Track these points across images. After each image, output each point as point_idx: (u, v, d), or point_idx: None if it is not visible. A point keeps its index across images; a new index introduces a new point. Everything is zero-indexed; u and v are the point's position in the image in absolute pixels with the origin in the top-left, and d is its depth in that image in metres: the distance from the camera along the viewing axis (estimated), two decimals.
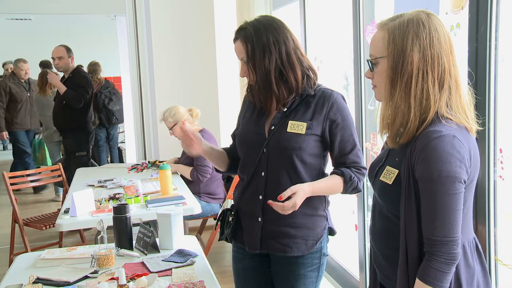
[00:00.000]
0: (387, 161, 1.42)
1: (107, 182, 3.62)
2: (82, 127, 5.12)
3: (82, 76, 5.07)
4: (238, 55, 1.85)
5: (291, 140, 1.78)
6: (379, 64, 1.35)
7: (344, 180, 1.80)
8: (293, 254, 1.85)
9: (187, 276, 1.93)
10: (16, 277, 1.97)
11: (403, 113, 1.31)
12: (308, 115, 1.80)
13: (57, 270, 2.01)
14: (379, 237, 1.45)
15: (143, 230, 2.23)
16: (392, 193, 1.35)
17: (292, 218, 1.80)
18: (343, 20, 3.07)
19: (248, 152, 1.88)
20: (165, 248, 2.21)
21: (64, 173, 4.38)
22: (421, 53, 1.28)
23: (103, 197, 3.11)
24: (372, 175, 1.48)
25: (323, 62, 3.53)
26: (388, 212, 1.40)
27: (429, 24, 1.29)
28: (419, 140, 1.29)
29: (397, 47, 1.30)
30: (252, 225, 1.88)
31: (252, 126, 1.89)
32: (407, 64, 1.29)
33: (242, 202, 1.91)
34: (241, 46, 1.81)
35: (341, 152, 1.82)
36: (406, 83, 1.30)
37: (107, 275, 1.93)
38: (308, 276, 1.89)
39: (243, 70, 1.84)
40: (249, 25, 1.81)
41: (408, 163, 1.30)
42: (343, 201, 3.32)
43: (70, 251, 2.20)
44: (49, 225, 3.94)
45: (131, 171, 4.09)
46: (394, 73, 1.31)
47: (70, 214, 2.81)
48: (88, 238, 4.45)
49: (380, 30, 1.34)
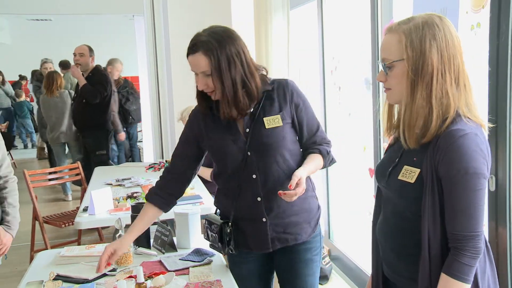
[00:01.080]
0: (402, 161, 1.44)
1: (125, 181, 3.65)
2: (101, 126, 5.18)
3: (101, 74, 5.15)
4: (197, 69, 1.78)
5: (273, 135, 1.84)
6: (395, 68, 1.37)
7: (323, 156, 1.93)
8: (303, 239, 1.92)
9: (204, 275, 1.94)
10: (37, 273, 2.01)
11: (425, 113, 1.34)
12: (275, 107, 1.87)
13: (76, 267, 2.04)
14: (391, 234, 1.48)
15: (161, 229, 2.24)
16: (414, 192, 1.37)
17: (292, 206, 1.87)
18: (361, 20, 3.06)
19: (231, 161, 1.87)
20: (182, 247, 2.23)
21: (83, 171, 4.43)
22: (439, 54, 1.32)
23: (121, 196, 3.14)
24: (383, 175, 1.49)
25: (340, 62, 3.52)
26: (406, 211, 1.41)
27: (443, 26, 1.34)
28: (442, 139, 1.31)
29: (416, 49, 1.33)
30: (257, 228, 1.88)
31: (226, 135, 1.87)
32: (427, 65, 1.32)
33: (238, 209, 1.90)
34: (202, 58, 1.75)
35: (310, 132, 1.93)
36: (427, 84, 1.33)
37: (125, 273, 1.95)
38: (314, 260, 1.98)
39: (203, 83, 1.79)
40: (208, 36, 1.76)
41: (431, 162, 1.33)
42: (361, 203, 3.31)
43: (89, 249, 2.23)
44: (68, 223, 4.00)
45: (148, 170, 4.12)
46: (415, 74, 1.33)
47: (89, 212, 2.84)
48: (106, 236, 4.49)
49: (393, 34, 1.37)
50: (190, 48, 1.78)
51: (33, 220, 4.02)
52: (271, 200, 1.85)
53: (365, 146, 3.20)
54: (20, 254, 4.22)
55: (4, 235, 2.27)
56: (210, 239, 1.97)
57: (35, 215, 3.93)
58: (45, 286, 1.86)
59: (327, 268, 3.40)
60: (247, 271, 2.00)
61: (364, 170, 3.16)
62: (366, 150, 3.17)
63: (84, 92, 4.99)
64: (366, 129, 3.06)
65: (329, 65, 3.65)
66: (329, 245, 3.70)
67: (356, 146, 3.36)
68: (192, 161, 1.98)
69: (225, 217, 1.94)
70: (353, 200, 3.49)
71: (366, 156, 3.14)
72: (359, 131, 3.31)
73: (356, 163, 3.39)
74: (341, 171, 3.68)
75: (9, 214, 2.33)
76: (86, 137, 5.31)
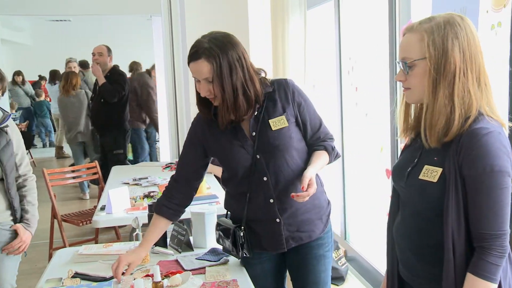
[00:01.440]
0: (421, 161, 1.43)
1: (142, 180, 3.68)
2: (119, 125, 5.24)
3: (118, 74, 5.21)
4: (199, 75, 1.78)
5: (280, 136, 1.85)
6: (416, 67, 1.37)
7: (328, 152, 1.94)
8: (316, 236, 1.94)
9: (220, 275, 1.94)
10: (56, 271, 2.03)
11: (447, 112, 1.33)
12: (279, 108, 1.88)
13: (94, 266, 2.06)
14: (410, 235, 1.47)
15: (177, 228, 2.26)
16: (437, 191, 1.36)
17: (304, 205, 1.88)
18: (378, 20, 3.04)
19: (240, 166, 1.87)
20: (198, 246, 2.24)
21: (100, 170, 4.48)
22: (461, 53, 1.32)
23: (138, 195, 3.16)
24: (401, 175, 1.48)
25: (357, 63, 3.50)
26: (427, 211, 1.40)
27: (465, 26, 1.34)
28: (466, 137, 1.31)
29: (438, 48, 1.33)
30: (271, 228, 1.89)
31: (233, 141, 1.87)
32: (449, 64, 1.32)
33: (251, 212, 1.90)
34: (205, 65, 1.75)
35: (313, 129, 1.94)
36: (449, 83, 1.33)
37: (142, 271, 1.96)
38: (327, 256, 2.00)
39: (206, 90, 1.79)
40: (209, 43, 1.76)
41: (454, 160, 1.32)
42: (377, 204, 3.29)
43: (106, 247, 2.25)
44: (85, 222, 4.05)
45: (165, 170, 4.15)
46: (437, 73, 1.33)
47: (106, 211, 2.87)
48: (122, 235, 4.54)
49: (414, 33, 1.37)
50: (192, 55, 1.78)
51: (52, 218, 4.08)
52: (283, 201, 1.87)
53: (382, 147, 3.18)
54: (39, 251, 4.28)
55: (24, 232, 2.31)
56: (224, 245, 1.97)
57: (54, 213, 3.99)
58: (64, 283, 1.89)
59: (343, 269, 3.38)
60: (261, 270, 2.00)
61: (381, 171, 3.14)
62: (383, 151, 3.15)
63: (103, 91, 5.05)
64: (383, 129, 3.04)
65: (346, 66, 3.63)
66: (345, 246, 3.68)
67: (373, 147, 3.34)
68: (197, 168, 1.98)
69: (237, 220, 1.94)
70: (370, 201, 3.47)
71: (383, 156, 3.12)
72: (376, 131, 3.29)
73: (372, 163, 3.37)
74: (358, 171, 3.65)
75: (28, 212, 2.36)
76: (104, 136, 5.37)
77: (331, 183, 3.55)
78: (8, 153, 2.24)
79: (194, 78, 1.83)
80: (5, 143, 2.23)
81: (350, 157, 3.73)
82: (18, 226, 2.30)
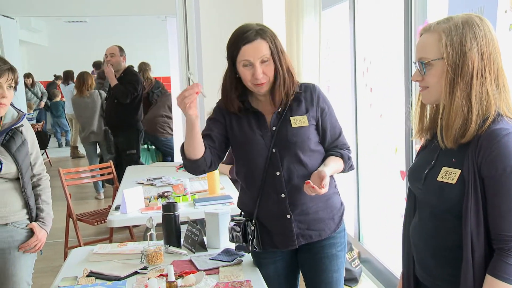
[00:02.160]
0: (439, 162, 1.42)
1: (156, 180, 3.69)
2: (132, 125, 5.27)
3: (132, 74, 5.24)
4: (256, 55, 1.81)
5: (299, 134, 1.88)
6: (433, 67, 1.36)
7: (344, 161, 1.96)
8: (327, 235, 1.95)
9: (234, 275, 1.95)
10: (71, 270, 2.06)
11: (464, 113, 1.32)
12: (302, 108, 1.92)
13: (108, 265, 2.08)
14: (427, 236, 1.46)
15: (191, 228, 2.26)
16: (455, 193, 1.35)
17: (316, 203, 1.90)
18: (393, 21, 3.01)
19: (256, 157, 1.90)
20: (212, 246, 2.24)
21: (115, 170, 4.51)
22: (479, 53, 1.31)
23: (152, 195, 3.18)
24: (418, 177, 1.47)
25: (372, 63, 3.48)
26: (445, 212, 1.39)
27: (483, 26, 1.33)
28: (485, 138, 1.30)
29: (456, 48, 1.32)
30: (282, 225, 1.91)
31: (255, 129, 1.92)
32: (468, 64, 1.31)
33: (261, 207, 1.92)
34: (263, 43, 1.82)
35: (332, 137, 1.97)
36: (467, 83, 1.32)
37: (156, 271, 1.97)
38: (339, 256, 2.00)
39: (261, 71, 1.81)
40: (258, 26, 1.86)
41: (473, 161, 1.31)
42: (391, 205, 3.26)
43: (121, 247, 2.27)
44: (100, 221, 4.08)
45: (179, 170, 4.16)
46: (455, 73, 1.32)
47: (121, 211, 2.89)
48: (136, 234, 4.56)
49: (432, 33, 1.36)
50: (247, 36, 1.81)
51: (67, 217, 4.11)
52: (295, 197, 1.89)
53: (396, 148, 3.15)
54: (55, 250, 4.32)
55: (39, 231, 2.33)
56: (235, 240, 1.97)
57: (69, 212, 4.02)
58: (79, 282, 1.91)
59: (357, 271, 3.36)
60: (274, 270, 2.01)
61: (395, 172, 3.12)
62: (397, 152, 3.12)
63: (116, 92, 5.09)
64: (397, 130, 3.02)
65: (360, 66, 3.62)
66: (359, 247, 3.67)
67: (387, 148, 3.32)
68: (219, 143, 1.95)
69: (249, 215, 1.96)
70: (384, 202, 3.45)
71: (398, 158, 3.10)
72: (390, 132, 3.27)
73: (387, 165, 3.34)
74: (372, 173, 3.63)
75: (43, 211, 2.39)
76: (117, 136, 5.41)
77: (345, 184, 3.53)
78: (24, 152, 2.27)
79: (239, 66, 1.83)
80: (20, 142, 2.26)
81: (364, 158, 3.71)
82: (34, 225, 2.32)
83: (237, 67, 1.86)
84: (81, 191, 6.69)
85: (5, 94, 2.16)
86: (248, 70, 1.84)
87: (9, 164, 2.21)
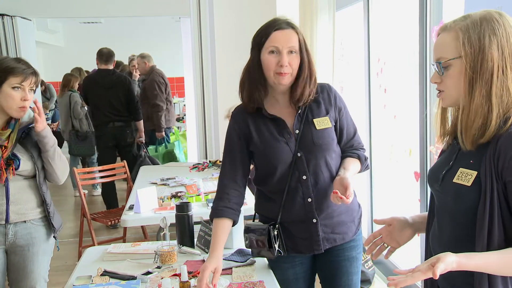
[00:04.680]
0: (457, 163, 1.37)
1: (169, 180, 3.71)
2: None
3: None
4: (286, 43, 1.79)
5: (324, 136, 1.87)
6: (451, 67, 1.31)
7: (361, 162, 1.95)
8: (349, 238, 1.94)
9: (247, 275, 1.95)
10: (85, 268, 2.07)
11: (484, 112, 1.27)
12: (322, 109, 1.91)
13: (122, 264, 2.09)
14: (447, 242, 1.40)
15: (204, 228, 2.27)
16: (470, 195, 1.30)
17: (339, 206, 1.88)
18: (408, 21, 2.99)
19: (281, 163, 1.85)
20: (225, 247, 2.22)
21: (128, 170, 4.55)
22: (499, 49, 1.25)
23: (165, 195, 3.19)
24: (436, 178, 1.43)
25: (386, 64, 3.46)
26: (462, 216, 1.34)
27: (503, 21, 1.27)
28: (505, 140, 1.24)
29: (474, 45, 1.26)
30: (307, 229, 1.89)
31: (277, 136, 1.86)
32: (487, 62, 1.26)
33: (287, 212, 1.88)
34: (294, 34, 1.82)
35: (348, 137, 1.96)
36: (487, 81, 1.26)
37: (169, 271, 1.98)
38: (358, 258, 2.00)
39: (286, 60, 1.79)
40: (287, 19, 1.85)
41: (490, 164, 1.26)
42: (405, 207, 3.24)
43: (134, 247, 2.28)
44: (114, 221, 4.11)
45: (192, 170, 4.18)
46: (473, 72, 1.27)
47: (135, 210, 2.90)
48: (150, 234, 4.59)
49: (449, 32, 1.31)
50: (280, 24, 1.82)
51: (81, 217, 4.16)
52: (321, 201, 1.87)
53: (410, 149, 3.13)
54: (69, 249, 4.38)
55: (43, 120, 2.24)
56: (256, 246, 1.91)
57: (83, 212, 4.06)
58: (94, 281, 1.92)
59: (370, 272, 3.35)
60: (293, 275, 1.99)
61: (410, 174, 3.10)
62: (411, 154, 3.10)
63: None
64: (412, 132, 3.00)
65: (374, 67, 3.60)
66: None
67: (402, 149, 3.29)
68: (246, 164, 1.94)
69: (270, 221, 1.91)
70: (397, 203, 3.42)
71: (412, 159, 3.07)
72: (404, 134, 3.24)
73: (401, 166, 3.32)
74: (386, 174, 3.61)
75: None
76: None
77: (358, 185, 3.51)
78: (39, 150, 2.31)
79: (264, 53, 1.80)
80: (36, 140, 2.30)
81: (378, 159, 3.69)
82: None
83: (262, 54, 1.81)
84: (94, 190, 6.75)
85: (27, 97, 2.20)
86: (274, 57, 1.80)
87: (26, 161, 2.25)
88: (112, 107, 5.28)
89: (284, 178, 1.86)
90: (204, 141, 5.03)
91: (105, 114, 5.27)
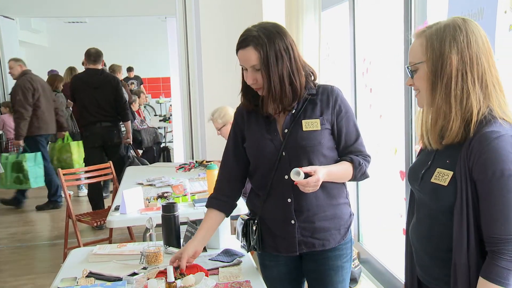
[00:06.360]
0: (434, 163, 1.44)
1: (156, 180, 3.69)
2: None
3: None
4: (246, 63, 1.80)
5: (310, 138, 1.83)
6: (419, 70, 1.40)
7: (353, 166, 1.87)
8: (331, 246, 1.90)
9: (233, 275, 1.94)
10: (70, 270, 2.05)
11: (445, 113, 1.35)
12: (317, 111, 1.86)
13: (108, 266, 2.07)
14: (426, 239, 1.47)
15: (191, 229, 2.26)
16: (447, 195, 1.37)
17: (323, 212, 1.86)
18: (393, 21, 3.02)
19: (266, 160, 1.87)
20: (212, 247, 2.24)
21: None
22: (459, 54, 1.33)
23: (152, 196, 3.17)
24: (416, 178, 1.49)
25: (372, 64, 3.48)
26: (440, 214, 1.41)
27: (465, 28, 1.35)
28: (476, 141, 1.31)
29: (435, 51, 1.36)
30: (286, 229, 1.88)
31: (264, 134, 1.88)
32: (446, 66, 1.34)
33: (267, 210, 1.90)
34: (252, 53, 1.77)
35: (347, 142, 1.89)
36: (446, 85, 1.34)
37: (155, 272, 1.97)
38: (345, 267, 1.96)
39: (252, 78, 1.80)
40: (258, 31, 1.78)
41: (465, 164, 1.32)
42: (391, 205, 3.26)
43: (120, 248, 2.27)
44: (100, 222, 4.07)
45: (178, 171, 4.16)
46: (434, 76, 1.36)
47: (120, 211, 2.88)
48: (136, 235, 4.56)
49: (418, 38, 1.41)
50: (241, 42, 1.80)
51: (67, 218, 4.11)
52: (301, 203, 1.85)
53: (396, 149, 3.16)
54: (54, 251, 4.32)
55: None
56: (238, 238, 1.99)
57: (69, 213, 4.02)
58: (79, 282, 1.90)
59: (356, 271, 3.36)
60: (278, 274, 1.99)
61: (395, 173, 3.12)
62: (397, 153, 3.12)
63: None
64: (397, 131, 3.02)
65: (360, 67, 3.62)
66: (358, 247, 3.67)
67: (387, 149, 3.32)
68: (241, 159, 1.98)
69: (255, 215, 1.95)
70: (383, 202, 3.45)
71: (397, 158, 3.09)
72: (390, 133, 3.27)
73: (386, 165, 3.34)
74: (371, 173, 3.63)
75: None
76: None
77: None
78: None
79: (241, 67, 1.85)
80: None
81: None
82: None
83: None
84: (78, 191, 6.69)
85: None
86: (246, 73, 1.84)
87: None
88: (99, 107, 5.22)
89: (268, 175, 1.87)
90: (191, 141, 5.02)
91: (93, 114, 5.22)
